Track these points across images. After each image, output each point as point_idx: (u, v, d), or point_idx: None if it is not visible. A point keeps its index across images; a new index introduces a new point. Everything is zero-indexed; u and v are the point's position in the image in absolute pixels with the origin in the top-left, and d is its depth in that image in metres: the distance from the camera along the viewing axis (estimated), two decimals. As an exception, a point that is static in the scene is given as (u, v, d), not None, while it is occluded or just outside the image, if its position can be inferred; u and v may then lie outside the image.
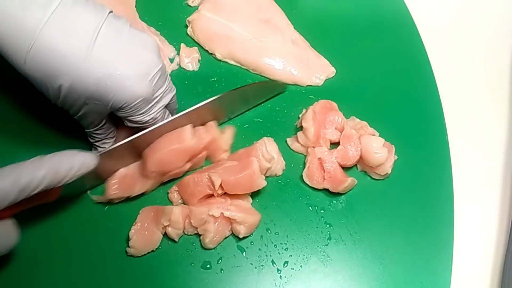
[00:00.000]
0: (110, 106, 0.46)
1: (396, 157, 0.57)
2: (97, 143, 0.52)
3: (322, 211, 0.55)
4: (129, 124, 0.49)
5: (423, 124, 0.61)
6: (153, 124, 0.50)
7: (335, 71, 0.64)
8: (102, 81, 0.44)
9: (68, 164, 0.43)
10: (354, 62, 0.65)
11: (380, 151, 0.55)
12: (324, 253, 0.53)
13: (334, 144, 0.58)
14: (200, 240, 0.52)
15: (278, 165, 0.56)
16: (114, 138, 0.53)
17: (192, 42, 0.65)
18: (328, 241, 0.53)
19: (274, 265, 0.51)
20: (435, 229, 0.55)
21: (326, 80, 0.64)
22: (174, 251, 0.51)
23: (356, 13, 0.70)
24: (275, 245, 0.52)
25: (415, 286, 0.51)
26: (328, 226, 0.54)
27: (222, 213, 0.51)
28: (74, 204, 0.53)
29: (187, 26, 0.65)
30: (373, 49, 0.67)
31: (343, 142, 0.57)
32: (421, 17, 0.70)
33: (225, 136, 0.57)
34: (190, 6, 0.68)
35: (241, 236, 0.51)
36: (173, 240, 0.51)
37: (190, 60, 0.63)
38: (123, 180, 0.53)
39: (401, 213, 0.55)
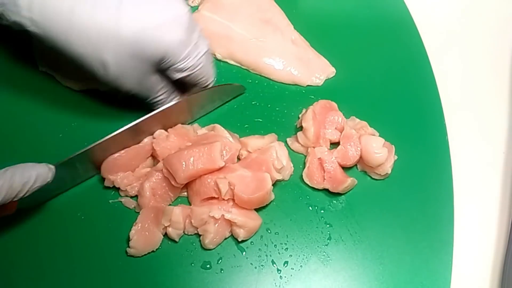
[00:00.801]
0: (153, 60, 0.48)
1: (396, 157, 0.57)
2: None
3: (322, 211, 0.55)
4: (176, 76, 0.51)
5: (423, 124, 0.61)
6: (198, 71, 0.52)
7: (335, 71, 0.64)
8: (140, 38, 0.46)
9: (23, 178, 0.43)
10: (354, 62, 0.65)
11: (380, 151, 0.55)
12: (324, 253, 0.53)
13: (334, 144, 0.58)
14: (200, 240, 0.52)
15: (286, 171, 0.56)
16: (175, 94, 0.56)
17: (192, 42, 0.65)
18: (328, 241, 0.53)
19: (274, 265, 0.51)
20: (435, 229, 0.55)
21: (326, 80, 0.64)
22: (174, 251, 0.51)
23: (356, 13, 0.70)
24: (275, 245, 0.52)
25: (415, 286, 0.51)
26: (328, 226, 0.54)
27: (223, 215, 0.51)
28: (74, 204, 0.53)
29: (187, 26, 0.65)
30: (373, 49, 0.67)
31: (343, 142, 0.57)
32: (421, 17, 0.70)
33: (280, 151, 0.55)
34: (190, 6, 0.68)
35: (239, 240, 0.51)
36: (173, 240, 0.51)
37: (190, 60, 0.63)
38: (155, 192, 0.53)
39: (401, 213, 0.55)
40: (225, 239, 0.52)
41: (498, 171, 0.61)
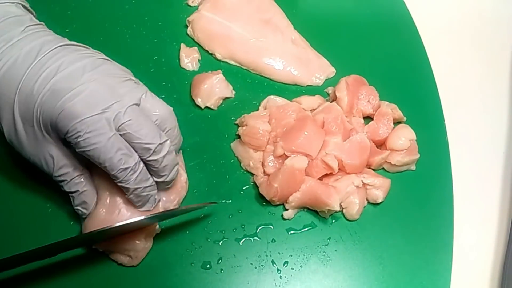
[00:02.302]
0: (42, 124, 0.44)
1: (418, 156, 0.57)
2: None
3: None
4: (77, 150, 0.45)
5: (423, 124, 0.61)
6: (92, 152, 0.44)
7: (335, 71, 0.64)
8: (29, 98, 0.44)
9: None
10: (354, 62, 0.65)
11: (404, 140, 0.56)
12: (324, 253, 0.53)
13: (365, 119, 0.59)
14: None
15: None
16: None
17: (192, 42, 0.65)
18: (328, 241, 0.53)
19: (274, 265, 0.51)
20: (435, 229, 0.55)
21: (326, 80, 0.64)
22: (174, 251, 0.51)
23: (356, 13, 0.70)
24: (275, 245, 0.52)
25: (415, 286, 0.51)
26: (328, 226, 0.54)
27: (361, 181, 0.53)
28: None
29: (187, 26, 0.65)
30: (373, 49, 0.67)
31: (376, 118, 0.58)
32: (421, 17, 0.70)
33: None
34: (190, 6, 0.68)
35: (379, 201, 0.53)
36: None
37: (190, 60, 0.63)
38: None
39: (401, 213, 0.55)
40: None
41: (498, 171, 0.61)
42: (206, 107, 0.60)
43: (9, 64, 0.43)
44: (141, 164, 0.46)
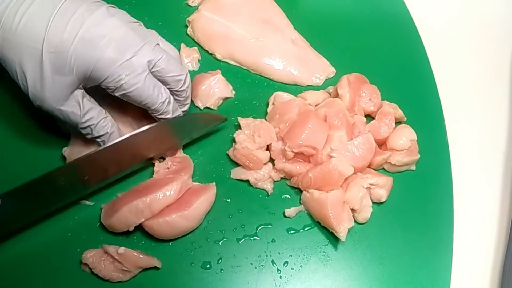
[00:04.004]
0: (77, 75, 0.46)
1: (419, 156, 0.57)
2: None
3: (322, 211, 0.55)
4: (114, 94, 0.48)
5: (423, 124, 0.61)
6: (135, 92, 0.47)
7: (335, 71, 0.64)
8: (62, 49, 0.45)
9: None
10: (354, 62, 0.65)
11: (405, 141, 0.56)
12: (324, 253, 0.53)
13: (366, 117, 0.59)
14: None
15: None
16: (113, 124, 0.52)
17: (192, 42, 0.65)
18: (328, 241, 0.53)
19: (274, 265, 0.51)
20: (435, 229, 0.55)
21: (326, 80, 0.64)
22: (174, 251, 0.51)
23: (356, 13, 0.70)
24: (275, 245, 0.52)
25: (415, 286, 0.51)
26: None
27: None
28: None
29: (187, 26, 0.65)
30: (373, 49, 0.67)
31: (378, 117, 0.58)
32: (421, 17, 0.70)
33: None
34: (190, 6, 0.68)
35: (383, 200, 0.53)
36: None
37: (190, 60, 0.63)
38: None
39: (401, 213, 0.55)
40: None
41: (498, 171, 0.61)
42: (206, 107, 0.60)
43: (27, 16, 0.44)
44: (171, 97, 0.51)
